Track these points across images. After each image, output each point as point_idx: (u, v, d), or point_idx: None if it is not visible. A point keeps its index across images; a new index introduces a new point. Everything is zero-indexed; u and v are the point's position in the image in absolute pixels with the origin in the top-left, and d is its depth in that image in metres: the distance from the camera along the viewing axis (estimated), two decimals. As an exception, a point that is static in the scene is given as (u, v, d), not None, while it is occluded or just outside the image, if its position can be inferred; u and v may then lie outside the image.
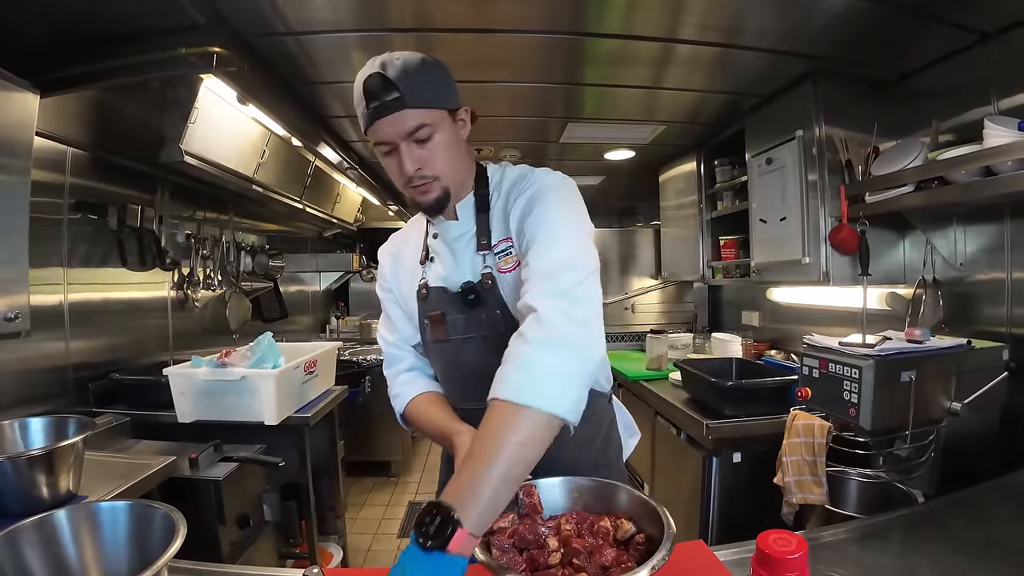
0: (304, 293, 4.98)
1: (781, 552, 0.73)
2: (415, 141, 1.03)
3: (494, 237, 1.13)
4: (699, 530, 2.20)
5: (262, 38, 1.77)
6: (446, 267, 1.18)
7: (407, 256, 1.28)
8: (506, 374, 0.87)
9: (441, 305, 1.17)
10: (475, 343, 1.15)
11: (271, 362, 2.20)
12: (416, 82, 1.00)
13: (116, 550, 0.90)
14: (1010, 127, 1.46)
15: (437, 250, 1.21)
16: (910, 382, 1.52)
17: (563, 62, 2.06)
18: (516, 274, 1.08)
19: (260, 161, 2.67)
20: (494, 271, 1.12)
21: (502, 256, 1.11)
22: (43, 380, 1.99)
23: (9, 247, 1.42)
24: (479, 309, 1.13)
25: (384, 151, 1.06)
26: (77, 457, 1.37)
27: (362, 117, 1.04)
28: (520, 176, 1.17)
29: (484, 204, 1.16)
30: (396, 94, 0.99)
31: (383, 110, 1.00)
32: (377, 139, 1.04)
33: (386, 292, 1.31)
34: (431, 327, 1.19)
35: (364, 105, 1.01)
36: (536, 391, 0.84)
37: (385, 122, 1.01)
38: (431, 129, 1.03)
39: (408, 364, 1.29)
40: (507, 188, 1.17)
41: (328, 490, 2.89)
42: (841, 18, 1.69)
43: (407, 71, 1.00)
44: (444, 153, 1.06)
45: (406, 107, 1.00)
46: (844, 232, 2.03)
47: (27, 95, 1.45)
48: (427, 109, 1.02)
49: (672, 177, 3.58)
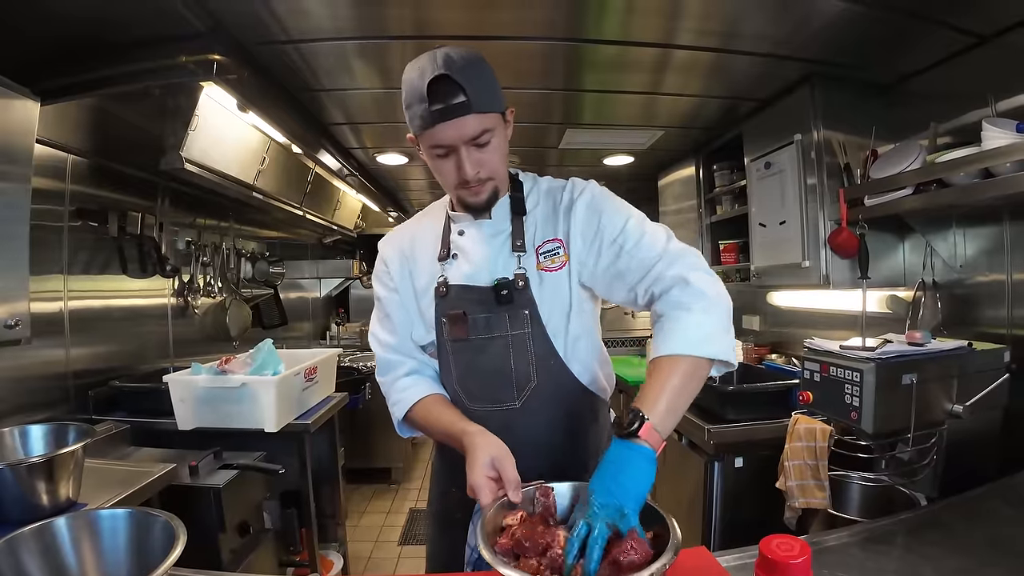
0: (304, 300, 4.98)
1: (784, 557, 0.72)
2: (475, 145, 1.03)
3: (538, 239, 1.16)
4: (701, 536, 2.19)
5: (262, 46, 1.77)
6: (474, 264, 1.16)
7: (421, 254, 1.23)
8: (670, 331, 0.99)
9: (463, 304, 1.15)
10: (499, 343, 1.14)
11: (271, 369, 2.20)
12: (479, 85, 0.99)
13: (116, 558, 0.90)
14: (1008, 129, 1.46)
15: (463, 247, 1.18)
16: (911, 385, 1.52)
17: (562, 68, 2.08)
18: (561, 273, 1.13)
19: (260, 168, 2.68)
20: (529, 272, 1.13)
21: (548, 256, 1.14)
22: (43, 387, 1.99)
23: (9, 254, 1.42)
24: (506, 308, 1.12)
25: (440, 153, 1.04)
26: (77, 464, 1.37)
27: (418, 117, 1.00)
28: (557, 186, 1.22)
29: (520, 207, 1.18)
30: (463, 98, 0.97)
31: (448, 113, 0.97)
32: (434, 142, 1.02)
33: (389, 292, 1.24)
34: (449, 325, 1.16)
35: (425, 107, 0.97)
36: (705, 345, 0.98)
37: (448, 126, 0.99)
38: (491, 133, 1.03)
39: (407, 369, 1.23)
40: (544, 194, 1.20)
41: (329, 497, 2.88)
42: (837, 22, 1.70)
43: (471, 73, 0.98)
44: (499, 155, 1.08)
45: (472, 112, 0.98)
46: (843, 235, 2.04)
47: (28, 102, 1.46)
48: (489, 114, 1.02)
49: (671, 182, 3.58)
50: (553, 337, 1.14)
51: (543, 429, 1.16)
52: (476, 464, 0.95)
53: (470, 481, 0.94)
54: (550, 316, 1.13)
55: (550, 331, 1.14)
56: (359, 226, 4.91)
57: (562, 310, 1.15)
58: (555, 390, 1.16)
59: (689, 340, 0.97)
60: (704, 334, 0.98)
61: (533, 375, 1.14)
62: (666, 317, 1.02)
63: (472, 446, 0.99)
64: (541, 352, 1.14)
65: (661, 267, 1.05)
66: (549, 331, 1.13)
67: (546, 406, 1.15)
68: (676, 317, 1.00)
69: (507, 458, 0.96)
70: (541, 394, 1.15)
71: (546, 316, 1.13)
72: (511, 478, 0.93)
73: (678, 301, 1.01)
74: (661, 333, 1.00)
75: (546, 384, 1.15)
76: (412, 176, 3.81)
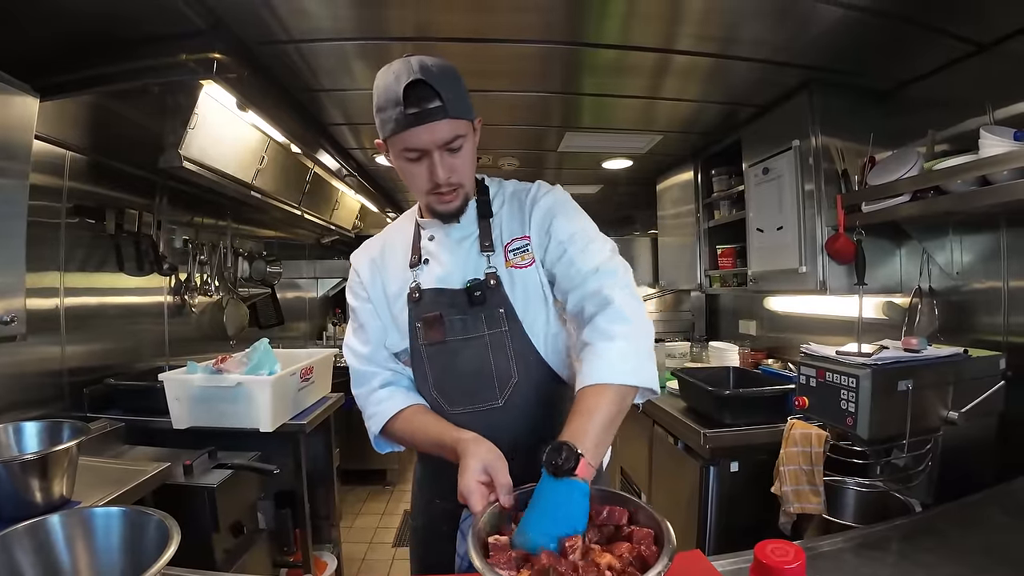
0: (301, 300, 4.98)
1: (779, 562, 0.72)
2: (448, 150, 1.05)
3: (505, 237, 1.19)
4: (696, 540, 2.19)
5: (263, 45, 1.77)
6: (445, 268, 1.18)
7: (392, 262, 1.25)
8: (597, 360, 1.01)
9: (437, 307, 1.16)
10: (476, 343, 1.15)
11: (267, 368, 2.20)
12: (454, 91, 1.01)
13: (109, 556, 0.90)
14: (1006, 137, 1.47)
15: (433, 252, 1.21)
16: (907, 391, 1.52)
17: (561, 72, 2.08)
18: (531, 270, 1.16)
19: (259, 167, 2.68)
20: (499, 270, 1.15)
21: (518, 253, 1.17)
22: (38, 384, 1.98)
23: (6, 250, 1.42)
24: (481, 308, 1.14)
25: (412, 157, 1.05)
26: (71, 462, 1.37)
27: (391, 121, 1.02)
28: (523, 187, 1.25)
29: (486, 210, 1.21)
30: (438, 103, 0.99)
31: (423, 117, 0.99)
32: (407, 145, 1.03)
33: (362, 302, 1.25)
34: (425, 329, 1.16)
35: (400, 110, 0.99)
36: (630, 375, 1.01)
37: (422, 130, 1.00)
38: (463, 139, 1.06)
39: (381, 380, 1.22)
40: (510, 196, 1.24)
41: (323, 498, 2.88)
42: (836, 29, 1.70)
43: (446, 81, 1.00)
44: (469, 162, 1.11)
45: (447, 116, 1.00)
46: (840, 241, 2.04)
47: (27, 99, 1.46)
48: (462, 120, 1.04)
49: (669, 186, 3.59)
50: (530, 333, 1.16)
51: (526, 424, 1.16)
52: (468, 470, 0.94)
53: (461, 486, 0.93)
54: (525, 312, 1.16)
55: (526, 327, 1.16)
56: (357, 227, 4.91)
57: (536, 306, 1.17)
58: (536, 386, 1.17)
59: (614, 370, 1.00)
60: (629, 366, 1.01)
61: (514, 372, 1.16)
62: (591, 347, 1.04)
63: (465, 453, 0.98)
64: (520, 349, 1.16)
65: (594, 282, 1.09)
66: (526, 327, 1.16)
67: (528, 402, 1.17)
68: (602, 349, 1.02)
69: (500, 463, 0.95)
70: (523, 390, 1.16)
71: (521, 313, 1.15)
72: (503, 482, 0.92)
73: (603, 330, 1.04)
74: (587, 363, 1.03)
75: (527, 380, 1.16)
76: (411, 177, 3.81)
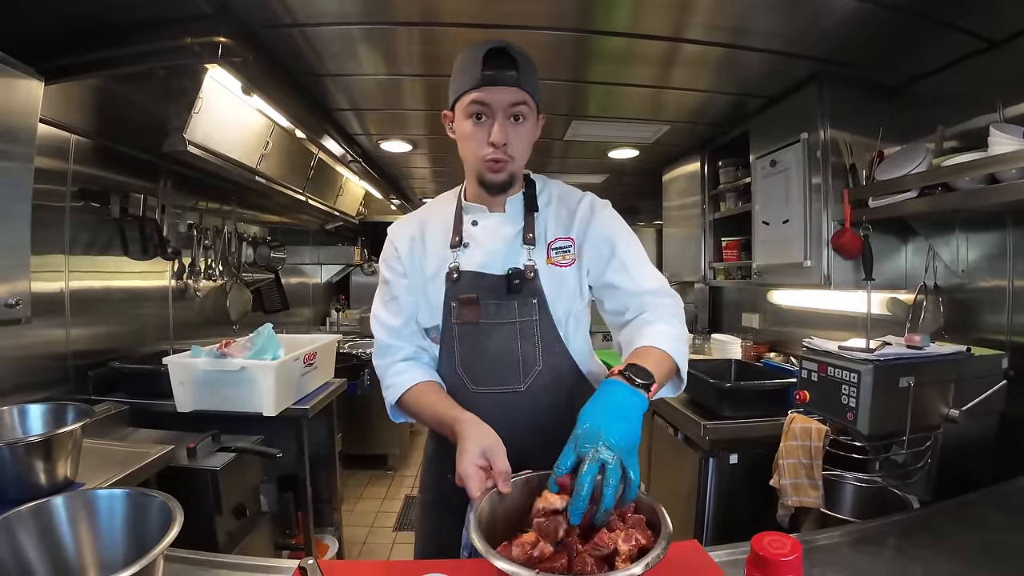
0: (305, 285, 4.99)
1: (775, 554, 0.73)
2: (512, 117, 1.10)
3: (549, 235, 1.23)
4: (694, 530, 2.20)
5: (268, 29, 1.76)
6: (486, 253, 1.22)
7: (433, 240, 1.27)
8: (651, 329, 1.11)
9: (475, 289, 1.20)
10: (506, 329, 1.20)
11: (271, 353, 2.21)
12: (529, 71, 1.11)
13: (112, 538, 0.90)
14: (1015, 135, 1.46)
15: (476, 237, 1.23)
16: (908, 388, 1.52)
17: (569, 59, 2.06)
18: (572, 270, 1.22)
19: (263, 152, 2.67)
20: (538, 264, 1.20)
21: (560, 252, 1.22)
22: (43, 367, 1.99)
23: (11, 234, 1.42)
24: (516, 296, 1.18)
25: (475, 111, 1.10)
26: (75, 444, 1.38)
27: (468, 80, 1.08)
28: (571, 193, 1.30)
29: (532, 204, 1.25)
30: (514, 72, 1.08)
31: (498, 79, 1.07)
32: (475, 99, 1.09)
33: (398, 276, 1.27)
34: (460, 309, 1.20)
35: (478, 69, 1.06)
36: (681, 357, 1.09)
37: (496, 89, 1.07)
38: (527, 113, 1.12)
39: (404, 355, 1.27)
40: (557, 197, 1.28)
41: (325, 482, 2.90)
42: (848, 22, 1.68)
43: (525, 60, 1.10)
44: (526, 140, 1.16)
45: (519, 86, 1.09)
46: (846, 236, 2.03)
47: (32, 82, 1.45)
48: (531, 97, 1.12)
49: (675, 177, 3.57)
50: (559, 326, 1.21)
51: (544, 412, 1.20)
52: (466, 453, 0.96)
53: (459, 470, 0.95)
54: (556, 306, 1.20)
55: (556, 320, 1.21)
56: (361, 213, 4.90)
57: (567, 302, 1.22)
58: (557, 375, 1.22)
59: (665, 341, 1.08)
60: (679, 348, 1.10)
61: (539, 360, 1.21)
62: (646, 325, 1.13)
63: (463, 435, 1.00)
64: (547, 339, 1.21)
65: (651, 298, 1.20)
66: (555, 320, 1.21)
67: (549, 391, 1.21)
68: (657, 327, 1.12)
69: (498, 448, 0.97)
70: (545, 379, 1.21)
71: (552, 306, 1.20)
72: (501, 469, 0.94)
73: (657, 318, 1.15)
74: (646, 329, 1.12)
75: (551, 369, 1.21)
76: (416, 164, 3.80)
